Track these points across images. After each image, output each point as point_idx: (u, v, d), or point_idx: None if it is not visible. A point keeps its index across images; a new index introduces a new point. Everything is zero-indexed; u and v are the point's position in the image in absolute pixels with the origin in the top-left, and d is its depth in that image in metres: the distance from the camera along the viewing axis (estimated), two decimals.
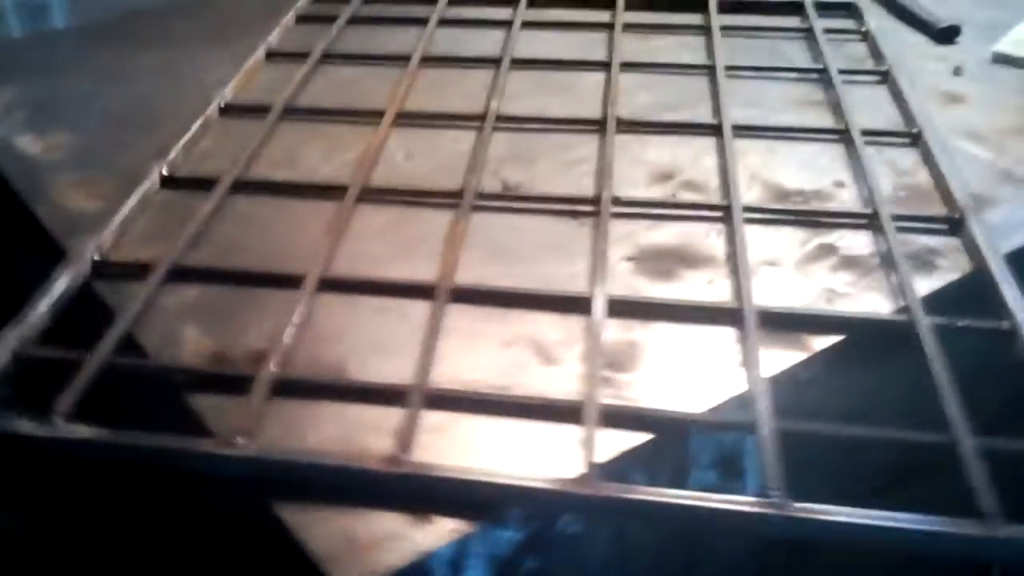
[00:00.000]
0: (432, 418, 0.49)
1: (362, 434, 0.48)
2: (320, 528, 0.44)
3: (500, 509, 0.45)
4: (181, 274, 0.60)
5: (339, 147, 0.76)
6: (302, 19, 1.01)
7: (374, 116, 0.80)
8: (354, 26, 0.99)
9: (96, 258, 0.61)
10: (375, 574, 0.42)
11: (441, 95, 0.84)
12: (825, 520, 0.43)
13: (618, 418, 0.49)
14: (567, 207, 0.68)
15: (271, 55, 0.92)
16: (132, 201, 0.67)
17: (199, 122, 0.77)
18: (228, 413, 0.49)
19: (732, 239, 0.64)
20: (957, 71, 0.88)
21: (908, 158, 0.74)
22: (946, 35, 0.94)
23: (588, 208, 0.67)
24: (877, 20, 0.96)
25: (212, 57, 0.92)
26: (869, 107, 0.80)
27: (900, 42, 0.93)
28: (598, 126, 0.78)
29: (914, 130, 0.76)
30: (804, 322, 0.56)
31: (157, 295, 0.58)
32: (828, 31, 0.94)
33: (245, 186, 0.70)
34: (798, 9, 1.00)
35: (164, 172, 0.71)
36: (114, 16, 1.05)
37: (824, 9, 0.99)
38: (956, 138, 0.76)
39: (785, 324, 0.56)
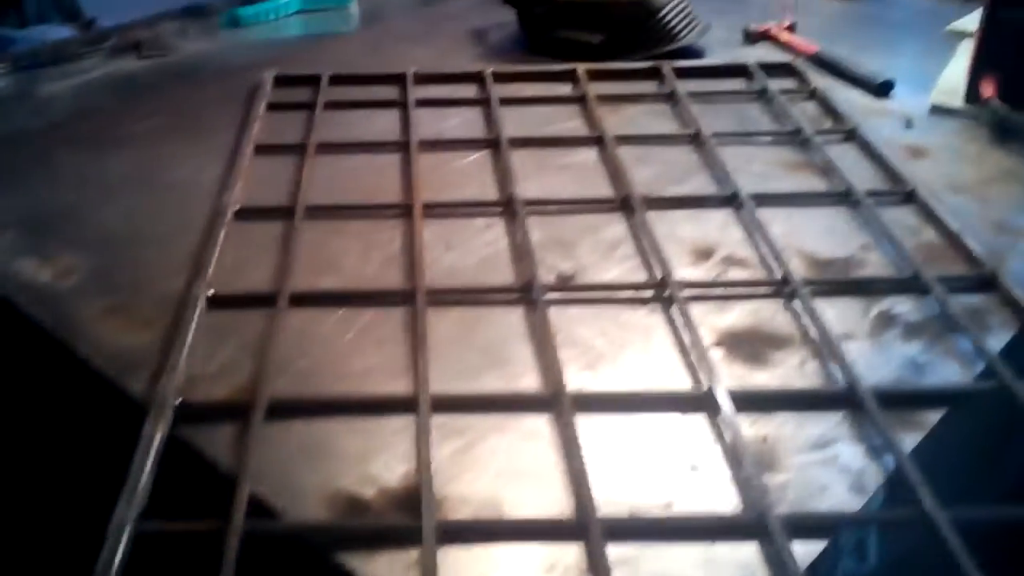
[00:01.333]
0: (614, 551, 0.44)
1: None
2: None
3: None
4: (277, 411, 0.52)
5: (374, 245, 0.69)
6: (274, 107, 0.92)
7: (397, 209, 0.73)
8: (331, 111, 0.91)
9: (178, 403, 0.52)
10: None
11: (452, 181, 0.79)
12: None
13: (800, 529, 0.45)
14: (632, 294, 0.64)
15: (259, 149, 0.83)
16: (189, 330, 0.58)
17: (222, 234, 0.69)
18: (392, 569, 0.42)
19: (799, 316, 0.61)
20: (909, 124, 0.90)
21: (909, 216, 0.74)
22: (883, 89, 0.96)
23: (652, 293, 0.63)
24: (818, 80, 0.97)
25: (190, 156, 0.83)
26: (848, 166, 0.80)
27: (842, 99, 0.94)
28: (621, 205, 0.74)
29: (907, 188, 0.76)
30: (911, 399, 0.54)
31: (265, 441, 0.50)
32: (781, 92, 0.94)
33: (300, 300, 0.62)
34: (743, 72, 0.99)
35: (210, 293, 0.62)
36: (69, 117, 0.93)
37: (767, 71, 0.99)
38: (940, 192, 0.77)
39: (894, 403, 0.54)
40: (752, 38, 1.11)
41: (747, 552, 0.44)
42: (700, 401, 0.53)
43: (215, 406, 0.52)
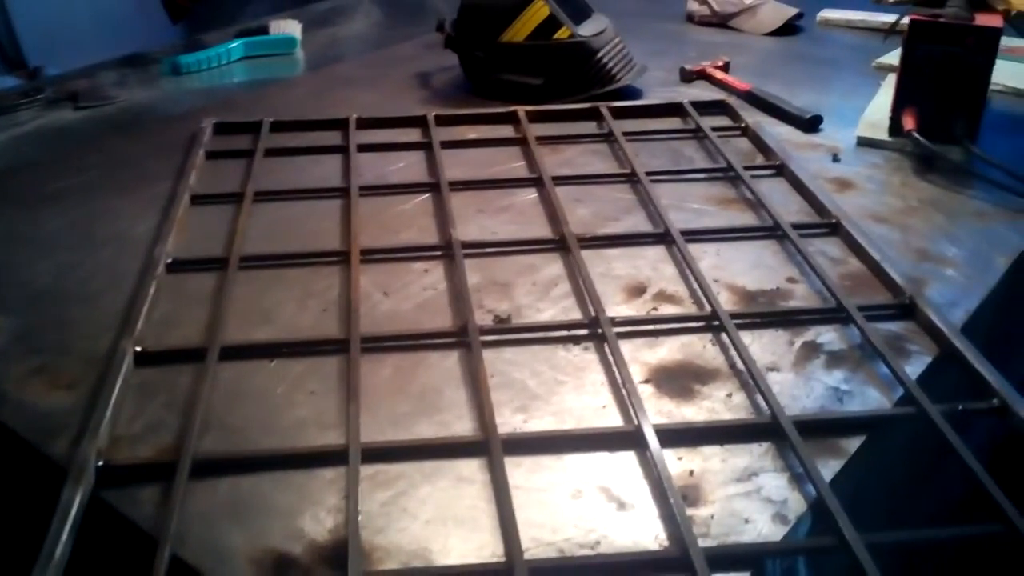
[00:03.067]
0: None
1: None
2: None
3: None
4: (203, 469, 0.52)
5: (312, 294, 0.69)
6: (212, 155, 0.92)
7: (334, 256, 0.74)
8: (271, 158, 0.91)
9: (100, 464, 0.51)
10: None
11: (392, 225, 0.79)
12: None
13: (723, 561, 0.45)
14: (565, 333, 0.64)
15: (196, 199, 0.83)
16: (114, 390, 0.57)
17: (151, 288, 0.68)
18: None
19: (726, 348, 0.62)
20: (835, 157, 0.92)
21: (834, 247, 0.76)
22: (811, 124, 0.98)
23: (586, 332, 0.64)
24: (750, 116, 1.00)
25: (125, 209, 0.82)
26: (776, 200, 0.82)
27: (773, 135, 0.96)
28: (557, 245, 0.75)
29: (832, 220, 0.78)
30: (831, 427, 0.55)
31: (185, 500, 0.49)
32: (713, 129, 0.96)
33: (231, 353, 0.62)
34: (678, 110, 1.01)
35: (137, 349, 0.61)
36: (30, 162, 0.92)
37: (701, 109, 1.01)
38: (863, 222, 0.78)
39: (814, 431, 0.54)
40: (688, 77, 1.14)
41: None
42: (628, 438, 0.54)
43: (138, 467, 0.52)
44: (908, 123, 0.89)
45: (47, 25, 2.00)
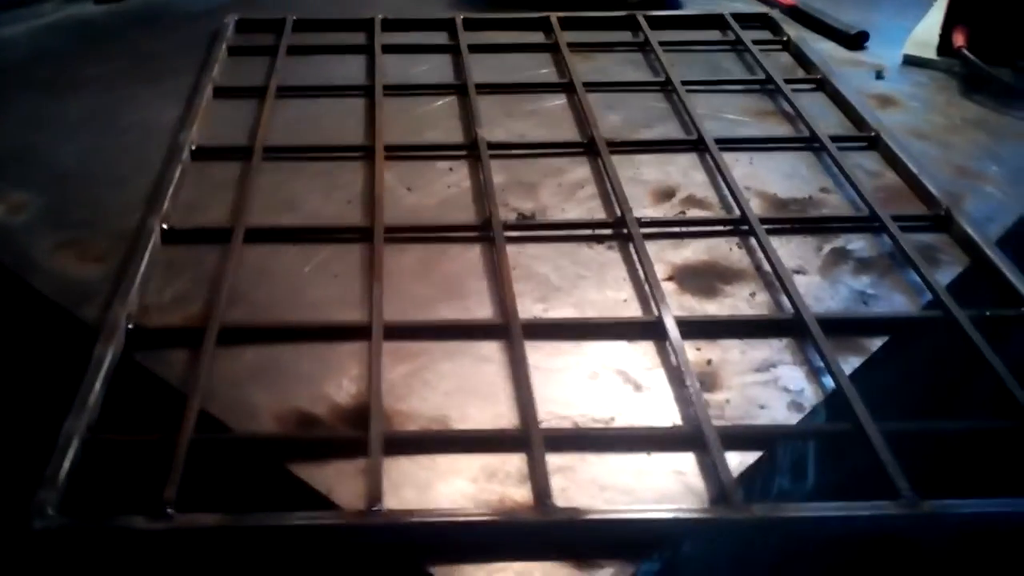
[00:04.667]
0: (555, 460, 0.48)
1: (494, 484, 0.47)
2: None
3: (656, 544, 0.45)
4: (230, 336, 0.56)
5: (337, 186, 0.73)
6: (235, 51, 0.96)
7: (359, 151, 0.77)
8: (295, 56, 0.95)
9: (131, 327, 0.56)
10: None
11: (414, 125, 0.82)
12: (962, 512, 0.46)
13: (735, 440, 0.50)
14: (591, 231, 0.68)
15: (219, 91, 0.87)
16: (142, 262, 0.62)
17: (177, 171, 0.72)
18: (339, 478, 0.47)
19: (753, 252, 0.66)
20: (879, 75, 0.94)
21: (871, 160, 0.78)
22: (856, 41, 1.00)
23: (611, 231, 0.68)
24: (793, 31, 1.02)
25: (149, 99, 0.86)
26: (815, 113, 0.85)
27: (816, 50, 0.98)
28: (586, 149, 0.78)
29: (871, 134, 0.80)
30: (855, 327, 0.59)
31: (213, 362, 0.54)
32: (754, 42, 0.98)
33: (256, 235, 0.66)
34: (720, 22, 1.04)
35: (164, 227, 0.66)
36: (27, 59, 0.96)
37: (743, 21, 1.03)
38: (903, 138, 0.81)
39: (838, 330, 0.58)
40: None
41: (683, 461, 0.49)
42: (648, 328, 0.57)
43: (167, 330, 0.56)
44: (958, 40, 0.91)
45: None
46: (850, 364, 0.56)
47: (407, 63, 0.94)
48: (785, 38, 1.00)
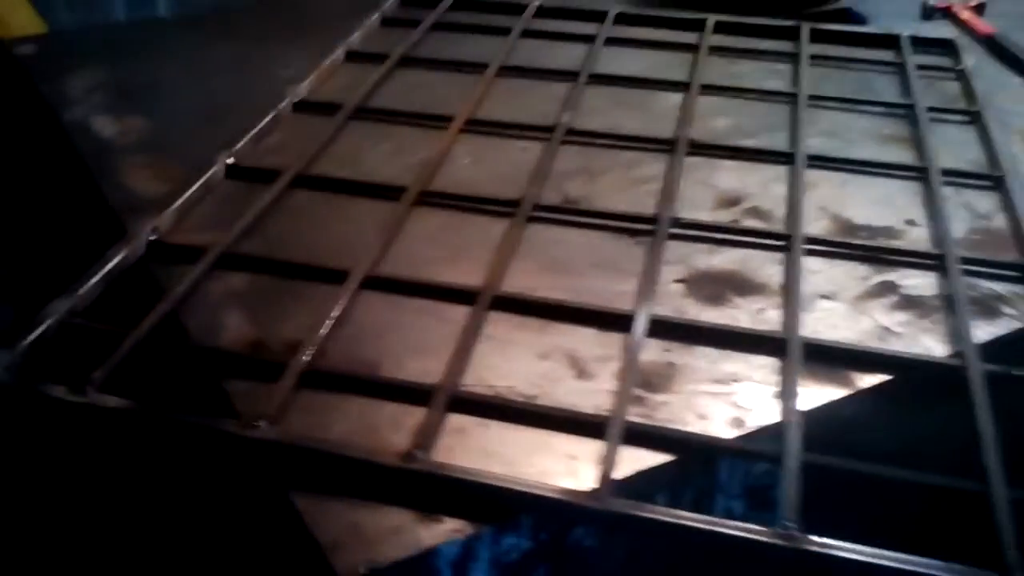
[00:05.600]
0: (456, 420, 0.50)
1: (384, 430, 0.50)
2: (329, 516, 0.45)
3: (509, 514, 0.46)
4: (230, 261, 0.63)
5: (405, 150, 0.78)
6: (387, 22, 1.04)
7: (444, 121, 0.82)
8: (437, 32, 1.01)
9: (152, 239, 0.64)
10: (376, 564, 0.43)
11: (514, 105, 0.86)
12: (836, 556, 0.43)
13: (643, 437, 0.49)
14: (625, 224, 0.68)
15: (351, 55, 0.95)
16: (194, 187, 0.70)
17: (269, 116, 0.81)
18: (257, 398, 0.51)
19: (789, 270, 0.63)
20: None
21: (987, 202, 0.72)
22: None
23: (645, 227, 0.68)
24: (975, 59, 0.95)
25: (289, 54, 0.96)
26: (955, 147, 0.79)
27: (996, 83, 0.91)
28: (669, 146, 0.78)
29: (997, 174, 0.74)
30: (852, 358, 0.56)
31: (206, 280, 0.61)
32: (922, 67, 0.93)
33: (305, 181, 0.72)
34: (893, 43, 0.98)
35: (229, 162, 0.74)
36: (211, 9, 1.10)
37: (921, 45, 0.98)
38: None
39: (831, 359, 0.55)
40: (929, 13, 1.09)
41: (580, 446, 0.49)
42: (618, 320, 0.57)
43: (180, 248, 0.64)
44: None
45: None
46: (827, 395, 0.53)
47: (543, 48, 0.98)
48: (960, 67, 0.93)
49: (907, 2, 1.11)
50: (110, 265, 0.61)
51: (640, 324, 0.56)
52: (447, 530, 0.45)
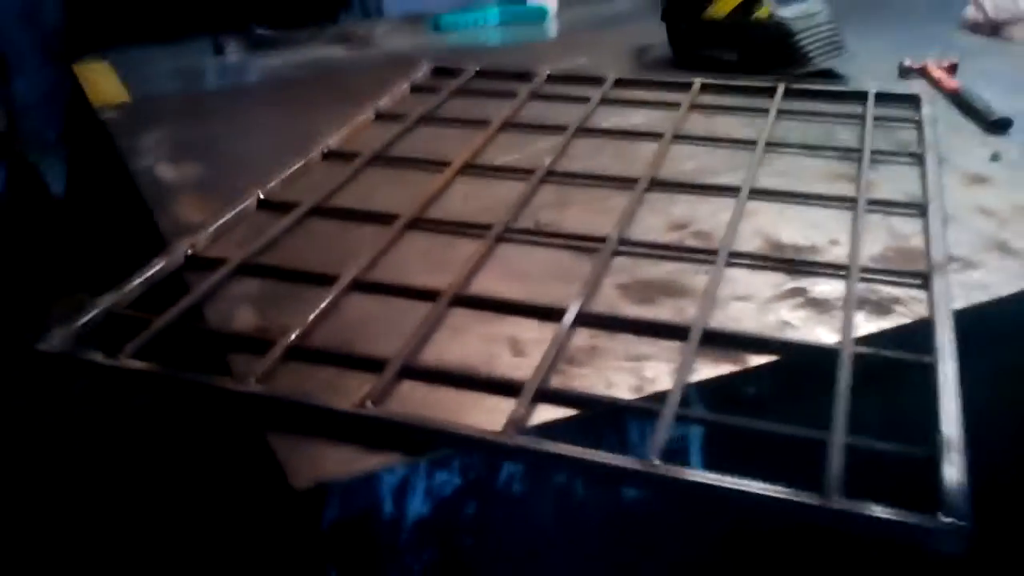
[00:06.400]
0: (408, 384, 0.62)
1: (346, 389, 0.61)
2: (294, 450, 0.57)
3: (436, 449, 0.57)
4: (247, 270, 0.76)
5: (410, 188, 0.91)
6: (416, 88, 1.18)
7: (445, 166, 0.95)
8: (457, 96, 1.15)
9: (189, 253, 0.78)
10: (322, 479, 0.54)
11: (509, 153, 0.98)
12: (683, 479, 0.52)
13: (556, 397, 0.60)
14: (582, 243, 0.79)
15: (380, 115, 1.09)
16: (228, 215, 0.84)
17: (300, 162, 0.95)
18: (251, 365, 0.63)
19: (715, 279, 0.73)
20: (995, 157, 0.94)
21: (910, 225, 0.81)
22: (998, 126, 1.00)
23: (598, 245, 0.79)
24: (935, 110, 1.04)
25: (328, 116, 1.09)
26: (895, 182, 0.89)
27: (952, 130, 1.00)
28: (634, 183, 0.89)
29: (923, 203, 0.83)
30: (746, 343, 0.65)
31: (226, 283, 0.74)
32: (884, 119, 1.03)
33: (319, 211, 0.86)
34: (861, 98, 1.08)
35: (260, 196, 0.88)
36: (264, 82, 1.26)
37: (886, 100, 1.07)
38: (966, 212, 0.83)
39: (728, 344, 0.65)
40: (905, 72, 1.19)
41: (506, 404, 0.59)
42: (553, 314, 0.68)
43: (210, 260, 0.77)
44: None
45: None
46: (720, 370, 0.63)
47: (546, 108, 1.11)
48: (918, 117, 1.03)
49: (888, 64, 1.21)
50: (151, 271, 0.75)
51: (570, 316, 0.67)
52: (387, 460, 0.56)
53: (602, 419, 0.60)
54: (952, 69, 1.17)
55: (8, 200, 1.90)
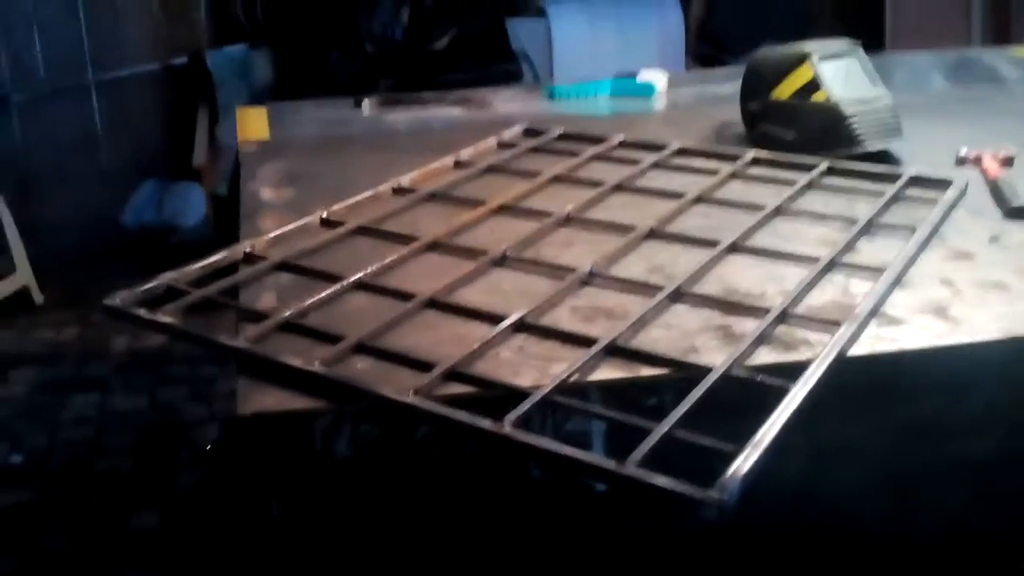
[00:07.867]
0: (361, 359, 0.77)
1: (308, 355, 0.77)
2: (251, 391, 0.73)
3: (359, 402, 0.72)
4: (284, 267, 0.94)
5: (451, 221, 1.07)
6: (502, 144, 1.35)
7: (484, 206, 1.10)
8: (532, 153, 1.31)
9: (247, 251, 0.98)
10: (261, 411, 0.70)
11: (549, 201, 1.13)
12: (522, 441, 0.65)
13: (465, 379, 0.74)
14: (560, 273, 0.92)
15: (458, 164, 1.27)
16: (291, 226, 1.03)
17: (369, 192, 1.13)
18: (247, 331, 0.81)
19: (658, 312, 0.84)
20: (993, 239, 0.99)
21: (865, 287, 0.89)
22: (1017, 213, 1.05)
23: (571, 276, 0.91)
24: (961, 194, 1.09)
25: (418, 161, 1.28)
26: (877, 252, 0.96)
27: (974, 214, 1.06)
28: (633, 231, 1.02)
29: (880, 268, 0.90)
30: (645, 358, 0.76)
31: (265, 275, 0.93)
32: (909, 198, 1.10)
33: (364, 231, 1.04)
34: (896, 179, 1.15)
35: (323, 215, 1.07)
36: (379, 134, 1.48)
37: (920, 183, 1.14)
38: (927, 281, 0.89)
39: (630, 357, 0.76)
40: (961, 161, 1.23)
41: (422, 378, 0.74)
42: (499, 319, 0.82)
43: (258, 257, 0.96)
44: None
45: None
46: (612, 375, 0.75)
47: (601, 168, 1.24)
48: (939, 198, 1.08)
49: (948, 152, 1.26)
50: (213, 259, 0.95)
51: (509, 322, 0.81)
52: (317, 404, 0.72)
53: (504, 401, 0.73)
54: (1007, 161, 1.21)
55: None
